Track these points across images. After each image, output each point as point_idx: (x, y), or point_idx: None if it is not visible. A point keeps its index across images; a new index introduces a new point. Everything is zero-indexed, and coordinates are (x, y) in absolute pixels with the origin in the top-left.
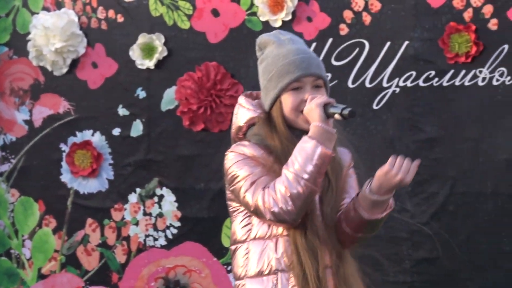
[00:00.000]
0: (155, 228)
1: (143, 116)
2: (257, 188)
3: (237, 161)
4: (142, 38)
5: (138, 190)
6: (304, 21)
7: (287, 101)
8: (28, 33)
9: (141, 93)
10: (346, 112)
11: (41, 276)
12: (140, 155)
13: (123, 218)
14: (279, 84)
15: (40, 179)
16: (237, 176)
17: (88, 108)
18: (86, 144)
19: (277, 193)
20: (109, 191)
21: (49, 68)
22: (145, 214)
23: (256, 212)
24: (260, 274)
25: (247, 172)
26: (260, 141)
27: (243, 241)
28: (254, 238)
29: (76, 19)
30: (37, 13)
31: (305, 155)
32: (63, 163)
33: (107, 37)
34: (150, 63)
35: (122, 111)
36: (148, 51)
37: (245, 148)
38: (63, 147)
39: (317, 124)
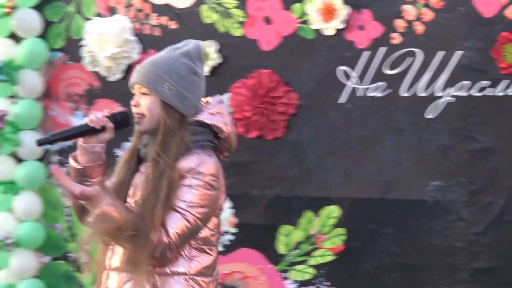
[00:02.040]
0: None
1: None
2: None
3: None
4: None
5: None
6: (356, 29)
7: None
8: (82, 39)
9: None
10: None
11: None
12: None
13: None
14: None
15: None
16: None
17: None
18: None
19: None
20: None
21: (103, 73)
22: None
23: None
24: None
25: None
26: None
27: None
28: None
29: (129, 25)
30: (91, 19)
31: None
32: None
33: (160, 43)
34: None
35: None
36: None
37: None
38: (117, 152)
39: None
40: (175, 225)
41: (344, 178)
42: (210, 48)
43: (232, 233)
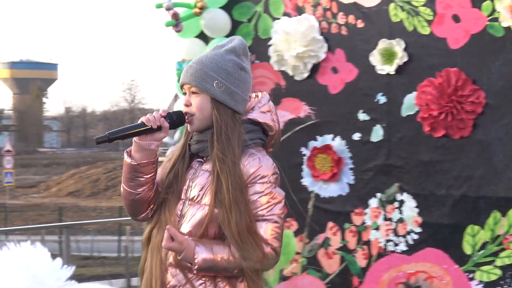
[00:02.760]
0: (396, 233)
1: (383, 121)
2: None
3: None
4: (382, 44)
5: (378, 195)
6: None
7: None
8: (269, 39)
9: (382, 98)
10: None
11: (283, 278)
12: (380, 160)
13: (363, 223)
14: None
15: (282, 183)
16: None
17: (328, 112)
18: (327, 148)
19: None
20: (349, 196)
21: (290, 72)
22: (385, 219)
23: None
24: None
25: None
26: None
27: None
28: None
29: (316, 24)
30: (278, 19)
31: None
32: (304, 167)
33: (347, 42)
34: (390, 69)
35: (362, 116)
36: (388, 56)
37: None
38: (303, 151)
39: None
40: (269, 232)
41: None
42: (397, 46)
43: (417, 233)
